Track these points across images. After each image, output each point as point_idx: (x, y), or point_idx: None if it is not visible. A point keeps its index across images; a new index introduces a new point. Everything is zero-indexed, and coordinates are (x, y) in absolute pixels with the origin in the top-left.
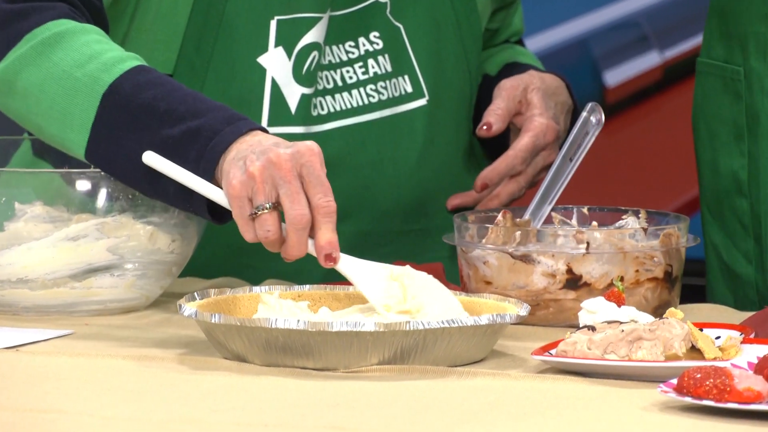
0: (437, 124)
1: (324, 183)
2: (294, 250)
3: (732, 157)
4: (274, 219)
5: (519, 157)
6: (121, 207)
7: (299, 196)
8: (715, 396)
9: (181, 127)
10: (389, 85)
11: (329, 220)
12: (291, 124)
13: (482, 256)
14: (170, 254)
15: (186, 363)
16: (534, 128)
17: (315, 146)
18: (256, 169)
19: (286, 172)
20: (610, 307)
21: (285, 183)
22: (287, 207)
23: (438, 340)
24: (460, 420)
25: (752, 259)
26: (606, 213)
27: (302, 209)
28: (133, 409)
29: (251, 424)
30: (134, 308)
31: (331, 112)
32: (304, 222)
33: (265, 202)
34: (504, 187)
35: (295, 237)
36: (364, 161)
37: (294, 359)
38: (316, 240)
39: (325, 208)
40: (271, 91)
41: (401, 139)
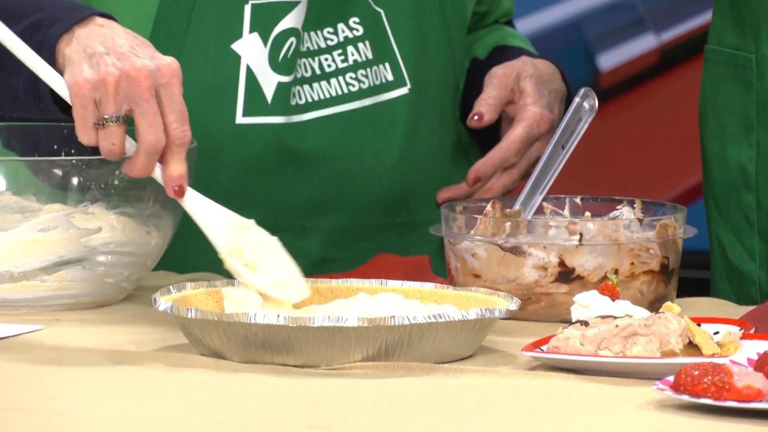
0: (420, 113)
1: (181, 110)
2: (140, 171)
3: (740, 148)
4: (121, 133)
5: (512, 149)
6: (93, 197)
7: (156, 119)
8: (713, 394)
9: (25, 23)
10: (370, 73)
11: (183, 150)
12: (268, 113)
13: (470, 248)
14: (144, 246)
15: (161, 360)
16: (527, 118)
17: (175, 64)
18: (110, 76)
19: (144, 90)
20: (604, 301)
21: (142, 101)
22: (143, 129)
23: (424, 335)
24: (447, 419)
25: (756, 257)
26: (600, 203)
27: (158, 134)
28: (106, 408)
29: (229, 423)
30: (107, 302)
31: (310, 102)
32: (158, 147)
33: (115, 113)
34: (497, 180)
35: (145, 159)
36: (344, 153)
37: (274, 356)
38: (166, 170)
39: (180, 138)
40: (246, 79)
41: (383, 130)
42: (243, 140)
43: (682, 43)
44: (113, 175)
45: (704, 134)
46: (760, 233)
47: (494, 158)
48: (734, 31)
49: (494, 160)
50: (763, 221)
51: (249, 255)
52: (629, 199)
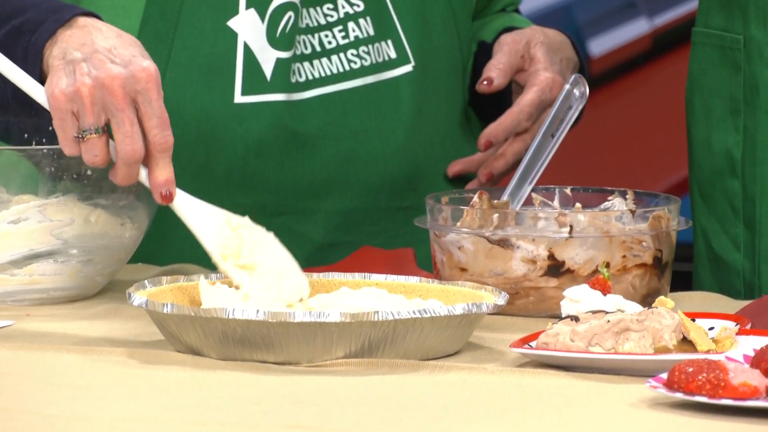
0: (425, 92)
1: (161, 115)
2: (124, 181)
3: (727, 133)
4: (102, 144)
5: (525, 113)
6: (65, 187)
7: (132, 128)
8: (708, 392)
9: (6, 28)
10: (372, 50)
11: (167, 155)
12: (268, 91)
13: (457, 240)
14: (118, 239)
15: (136, 357)
16: (540, 82)
17: (152, 68)
18: (85, 87)
19: (119, 99)
20: (595, 295)
21: (117, 111)
22: (118, 140)
23: (409, 331)
24: (433, 418)
25: (741, 246)
26: (590, 194)
27: (134, 144)
28: (79, 406)
29: (206, 422)
30: (80, 297)
31: (311, 79)
32: (135, 157)
33: (94, 125)
34: (509, 146)
35: (126, 170)
36: (347, 132)
37: (253, 352)
38: (152, 177)
39: (162, 144)
40: (244, 56)
41: (386, 109)
42: (242, 120)
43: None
44: (86, 165)
45: (690, 120)
46: (745, 221)
47: (506, 122)
48: (721, 11)
49: (506, 124)
50: (749, 209)
51: (245, 255)
52: (621, 189)
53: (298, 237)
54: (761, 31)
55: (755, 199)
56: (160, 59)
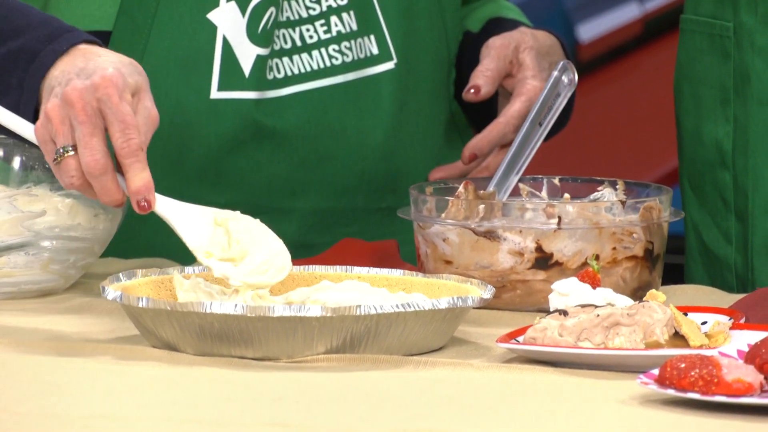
0: (408, 90)
1: (124, 119)
2: (103, 197)
3: (717, 124)
4: (76, 163)
5: (511, 125)
6: (36, 177)
7: (92, 139)
8: (701, 388)
9: (1, 50)
10: (354, 45)
11: (135, 160)
12: (244, 88)
13: (441, 232)
14: (92, 231)
15: (110, 352)
16: (527, 92)
17: (115, 74)
18: (52, 107)
19: (79, 110)
20: (584, 289)
21: (79, 124)
22: (80, 153)
23: (392, 326)
24: (417, 415)
25: (732, 239)
26: (579, 184)
27: (93, 154)
28: (51, 404)
29: (183, 420)
30: (51, 291)
31: (289, 76)
32: (99, 168)
33: (66, 144)
34: (495, 158)
35: (98, 184)
36: (325, 130)
37: (231, 348)
38: (127, 185)
39: (125, 148)
40: (223, 51)
41: (366, 107)
42: (217, 116)
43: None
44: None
45: (679, 110)
46: (737, 214)
47: (492, 134)
48: None
49: (492, 136)
50: (740, 201)
51: (234, 247)
52: (611, 179)
53: None
54: (752, 17)
55: (747, 191)
56: (135, 51)
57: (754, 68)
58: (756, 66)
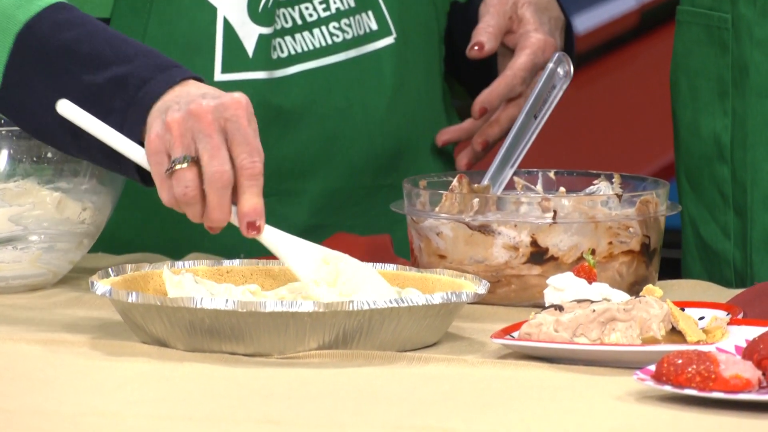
0: (406, 64)
1: (251, 141)
2: (215, 212)
3: (714, 117)
4: (193, 174)
5: (519, 77)
6: (24, 171)
7: (220, 151)
8: (698, 384)
9: (106, 74)
10: (353, 22)
11: (254, 183)
12: (250, 69)
13: (435, 226)
14: (81, 224)
15: (99, 348)
16: (531, 45)
17: (243, 98)
18: (174, 120)
19: (207, 124)
20: (580, 283)
21: (205, 137)
22: (205, 162)
23: (385, 321)
24: (411, 412)
25: (731, 234)
26: (575, 177)
27: (222, 165)
28: (40, 400)
29: (173, 417)
30: (40, 286)
31: (292, 55)
32: (224, 180)
33: (182, 154)
34: (503, 111)
35: (216, 197)
36: (331, 109)
37: (222, 343)
38: (239, 205)
39: (249, 169)
40: (224, 32)
41: (369, 83)
42: None
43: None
44: (46, 147)
45: (676, 103)
46: (735, 208)
47: (500, 87)
48: None
49: (500, 89)
50: (739, 195)
51: (341, 287)
52: (607, 173)
53: (281, 221)
54: (750, 9)
55: (746, 185)
56: (135, 35)
57: (752, 60)
58: (755, 58)
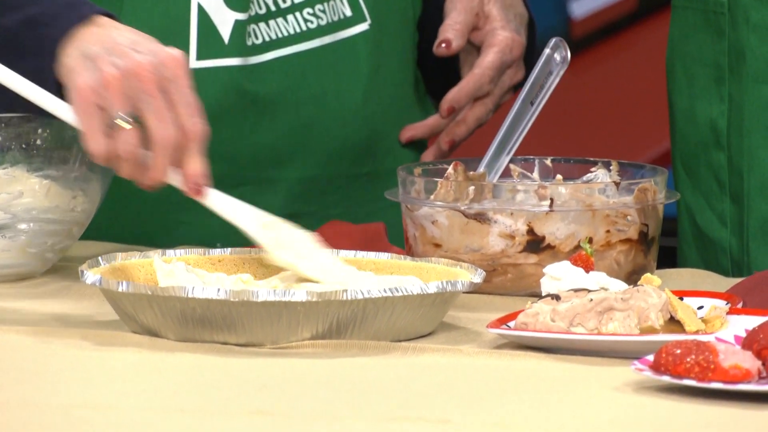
0: (381, 52)
1: (192, 102)
2: (158, 173)
3: (711, 103)
4: (137, 133)
5: (486, 75)
6: (13, 158)
7: (166, 113)
8: (697, 374)
9: (18, 16)
10: (327, 8)
11: (199, 145)
12: (225, 55)
13: (430, 214)
14: (70, 213)
15: (89, 338)
16: (499, 43)
17: (180, 55)
18: (112, 76)
19: (149, 84)
20: (577, 272)
21: (148, 97)
22: (154, 125)
23: (379, 311)
24: (405, 403)
25: (727, 221)
26: (572, 165)
27: (170, 128)
28: (28, 392)
29: (165, 408)
30: (29, 275)
31: (267, 41)
32: (172, 142)
33: (126, 113)
34: (470, 111)
35: (161, 159)
36: (306, 96)
37: (214, 333)
38: (184, 168)
39: (194, 132)
40: (199, 18)
41: (344, 70)
42: (198, 86)
43: None
44: (36, 134)
45: (672, 89)
46: (732, 196)
47: (469, 86)
48: None
49: (469, 88)
50: (735, 182)
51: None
52: (605, 160)
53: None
54: None
55: (743, 172)
56: None
57: (749, 45)
58: (751, 43)
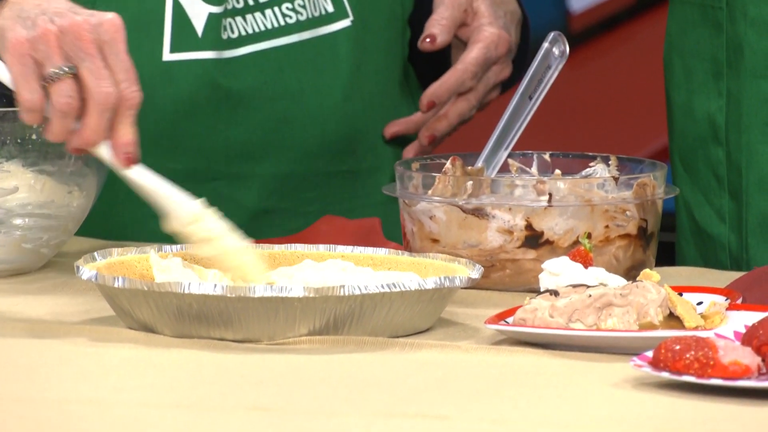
0: (364, 49)
1: (129, 68)
2: (91, 133)
3: (709, 98)
4: (76, 86)
5: (469, 71)
6: (8, 153)
7: (105, 72)
8: (696, 371)
9: None
10: (308, 3)
11: (133, 113)
12: (198, 48)
13: (428, 209)
14: (66, 208)
15: (85, 334)
16: (484, 39)
17: (118, 20)
18: (50, 31)
19: (87, 43)
20: (576, 268)
21: (86, 55)
22: (92, 83)
23: (377, 306)
24: (403, 399)
25: (726, 217)
26: (571, 160)
27: (110, 87)
28: (23, 387)
29: (161, 404)
30: (24, 271)
31: (243, 36)
32: (110, 102)
33: (64, 66)
34: (453, 106)
35: (96, 118)
36: (282, 92)
37: (210, 329)
38: (116, 135)
39: (130, 99)
40: (173, 10)
41: (324, 67)
42: (171, 79)
43: None
44: (31, 128)
45: (669, 84)
46: (731, 191)
47: (450, 81)
48: None
49: (450, 83)
50: (734, 178)
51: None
52: (603, 155)
53: (230, 204)
54: None
55: (741, 167)
56: None
57: (747, 40)
58: (749, 38)
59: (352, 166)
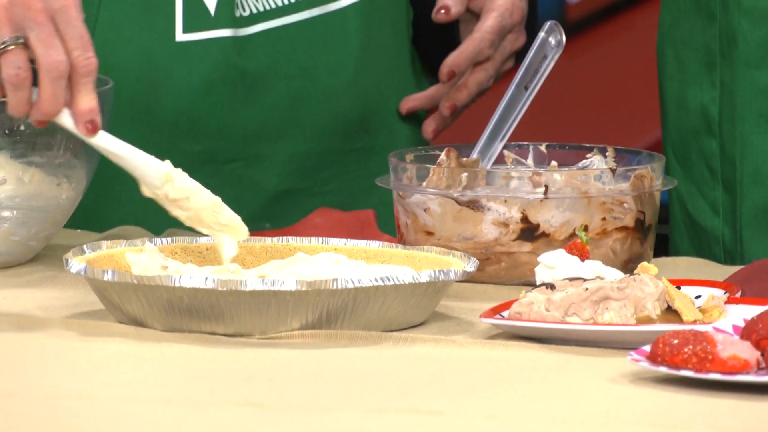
0: (373, 24)
1: (83, 35)
2: (47, 104)
3: (702, 89)
4: (25, 56)
5: (487, 39)
6: None
7: (54, 41)
8: (694, 365)
9: None
10: None
11: (90, 80)
12: (211, 27)
13: (422, 201)
14: (54, 200)
15: (74, 328)
16: (498, 7)
17: None
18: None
19: (37, 13)
20: (572, 261)
21: (36, 25)
22: (40, 52)
23: (370, 300)
24: (397, 394)
25: (719, 210)
26: (567, 151)
27: (59, 55)
28: (11, 382)
29: (151, 399)
30: (12, 263)
31: (255, 13)
32: (61, 70)
33: (12, 37)
34: (471, 76)
35: (50, 88)
36: (296, 69)
37: (201, 323)
38: (76, 104)
39: (85, 66)
40: None
41: (335, 43)
42: (186, 60)
43: None
44: (19, 120)
45: (662, 75)
46: (724, 183)
47: (469, 50)
48: None
49: (469, 52)
50: (728, 170)
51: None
52: (601, 146)
53: (250, 185)
54: None
55: (735, 159)
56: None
57: (740, 30)
58: (743, 27)
59: (365, 143)
